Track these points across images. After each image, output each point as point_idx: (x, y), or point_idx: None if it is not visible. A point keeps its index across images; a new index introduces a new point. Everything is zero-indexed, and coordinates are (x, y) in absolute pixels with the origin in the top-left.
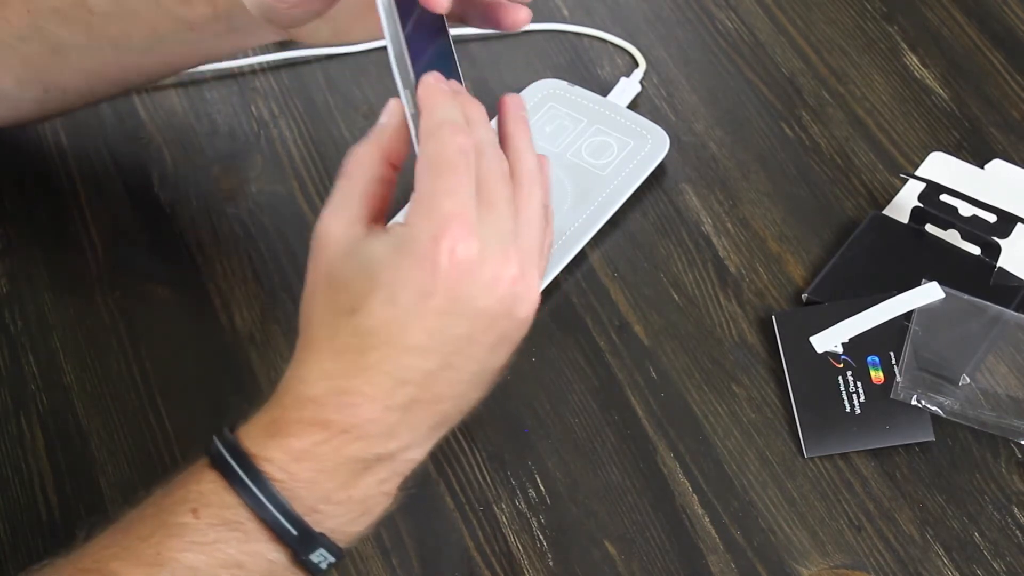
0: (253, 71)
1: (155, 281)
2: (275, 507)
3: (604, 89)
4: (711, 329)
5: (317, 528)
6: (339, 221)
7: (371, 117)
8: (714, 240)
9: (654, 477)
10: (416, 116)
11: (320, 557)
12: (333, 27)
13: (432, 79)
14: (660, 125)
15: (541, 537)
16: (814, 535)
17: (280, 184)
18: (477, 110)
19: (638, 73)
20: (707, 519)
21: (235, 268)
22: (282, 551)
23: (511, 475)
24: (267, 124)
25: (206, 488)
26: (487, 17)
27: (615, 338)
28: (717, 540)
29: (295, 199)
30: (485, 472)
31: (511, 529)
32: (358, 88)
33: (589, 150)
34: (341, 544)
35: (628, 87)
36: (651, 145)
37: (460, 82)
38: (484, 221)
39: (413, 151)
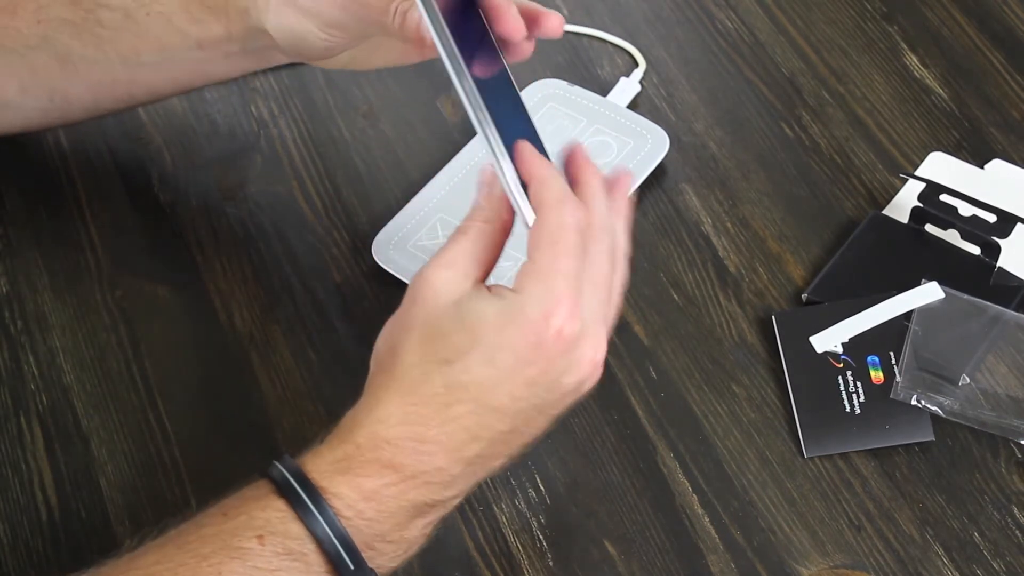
0: (253, 71)
1: (155, 281)
2: (340, 543)
3: (604, 89)
4: (711, 329)
5: (370, 564)
6: (450, 274)
7: (371, 117)
8: (714, 240)
9: (654, 477)
10: (508, 178)
11: None
12: (352, 55)
13: (529, 149)
14: (660, 125)
15: (541, 537)
16: (814, 535)
17: (280, 184)
18: (602, 183)
19: (638, 73)
20: (707, 519)
21: (235, 268)
22: None
23: (511, 475)
24: (267, 124)
25: (273, 516)
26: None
27: (615, 338)
28: (717, 540)
29: (295, 199)
30: None
31: (511, 529)
32: (358, 88)
33: (589, 150)
34: None
35: (628, 87)
36: (651, 145)
37: (537, 135)
38: (586, 301)
39: None
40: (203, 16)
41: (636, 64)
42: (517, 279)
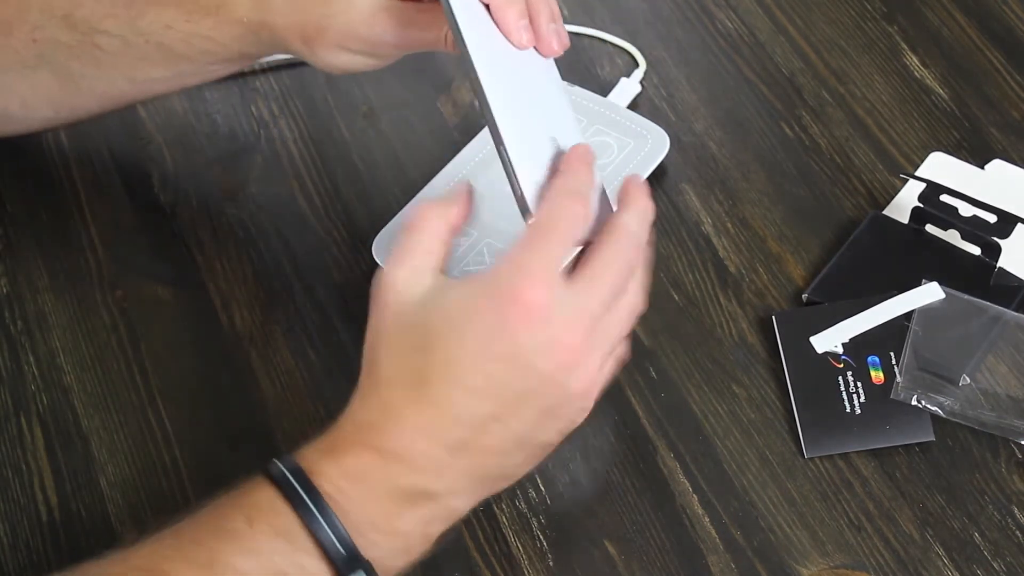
0: (253, 71)
1: (155, 281)
2: (323, 518)
3: (604, 89)
4: (711, 329)
5: (364, 554)
6: (404, 269)
7: (371, 117)
8: (714, 240)
9: (654, 477)
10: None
11: None
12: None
13: (583, 150)
14: (660, 125)
15: (541, 537)
16: (814, 535)
17: (280, 184)
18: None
19: (638, 73)
20: (707, 519)
21: (235, 268)
22: (326, 568)
23: None
24: (267, 124)
25: (260, 498)
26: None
27: None
28: (717, 540)
29: (295, 199)
30: None
31: (511, 529)
32: (358, 88)
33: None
34: None
35: (628, 87)
36: (651, 145)
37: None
38: (574, 290)
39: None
40: (210, 47)
41: (636, 64)
42: (495, 261)
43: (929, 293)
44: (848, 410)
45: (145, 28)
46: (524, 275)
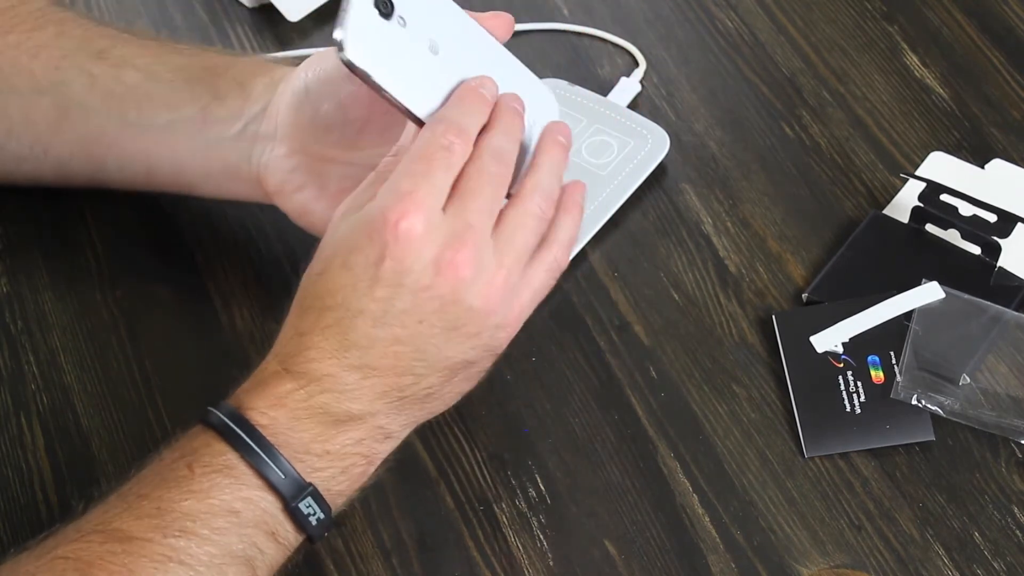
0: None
1: (155, 281)
2: (262, 450)
3: (604, 89)
4: (711, 329)
5: (307, 479)
6: (344, 204)
7: None
8: (714, 240)
9: (654, 477)
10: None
11: (309, 508)
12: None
13: (474, 83)
14: (660, 125)
15: (541, 537)
16: (814, 535)
17: None
18: (508, 117)
19: (638, 73)
20: (707, 519)
21: (235, 268)
22: (273, 499)
23: (511, 475)
24: None
25: (198, 443)
26: None
27: (615, 338)
28: (717, 540)
29: None
30: (485, 472)
31: (511, 529)
32: None
33: (589, 150)
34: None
35: (628, 87)
36: (651, 145)
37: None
38: (450, 209)
39: None
40: (227, 90)
41: (636, 64)
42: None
43: (929, 293)
44: (848, 410)
45: (178, 63)
46: (396, 202)
